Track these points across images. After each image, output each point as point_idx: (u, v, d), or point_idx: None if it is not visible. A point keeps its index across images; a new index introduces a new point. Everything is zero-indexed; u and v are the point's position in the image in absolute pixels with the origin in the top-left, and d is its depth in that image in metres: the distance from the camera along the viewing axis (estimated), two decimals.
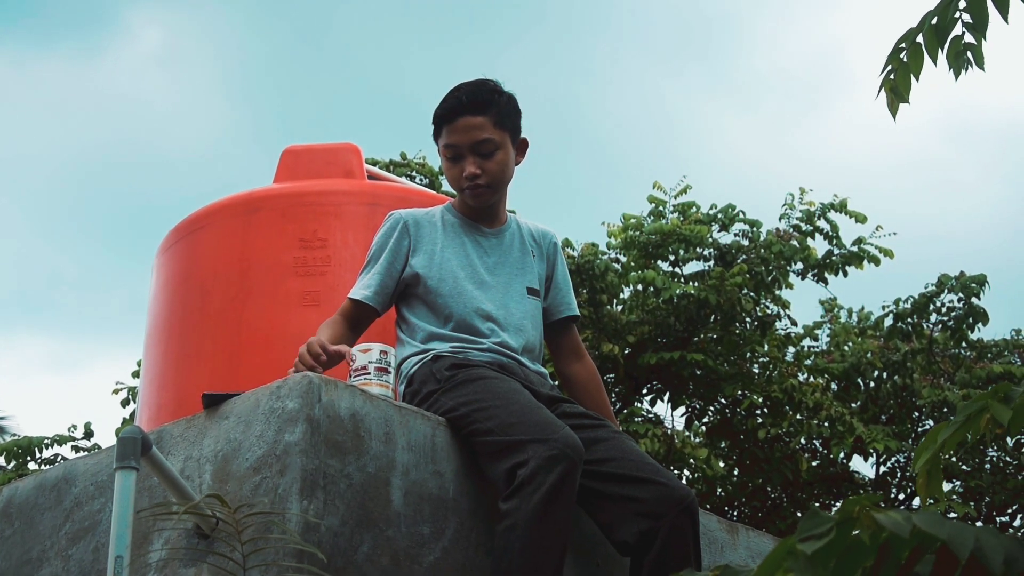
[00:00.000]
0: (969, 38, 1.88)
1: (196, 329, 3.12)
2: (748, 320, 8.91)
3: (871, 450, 8.64)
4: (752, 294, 8.72)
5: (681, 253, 8.98)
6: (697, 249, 8.99)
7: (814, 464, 9.38)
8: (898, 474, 9.79)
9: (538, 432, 2.02)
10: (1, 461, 9.44)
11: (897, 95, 1.96)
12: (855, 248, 9.22)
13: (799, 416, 8.79)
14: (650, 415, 9.09)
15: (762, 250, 8.84)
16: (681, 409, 9.22)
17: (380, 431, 1.99)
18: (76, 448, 9.29)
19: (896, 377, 9.17)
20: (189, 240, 3.29)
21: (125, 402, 9.43)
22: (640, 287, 8.78)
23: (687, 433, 8.93)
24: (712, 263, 9.08)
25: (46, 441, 9.14)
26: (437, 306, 2.41)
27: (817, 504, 9.66)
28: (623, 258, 9.28)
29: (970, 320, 8.87)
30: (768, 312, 9.00)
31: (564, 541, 1.98)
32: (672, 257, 9.09)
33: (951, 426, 1.28)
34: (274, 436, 1.90)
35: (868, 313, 10.56)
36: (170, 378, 3.13)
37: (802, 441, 9.22)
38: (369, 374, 2.13)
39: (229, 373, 2.96)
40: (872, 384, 9.46)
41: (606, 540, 2.19)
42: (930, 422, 9.64)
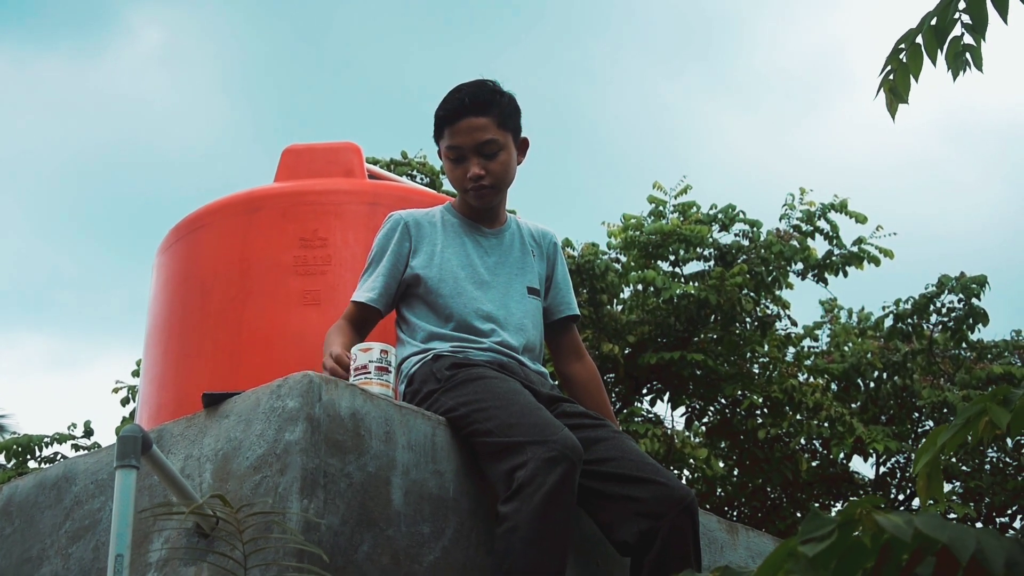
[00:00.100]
0: (968, 39, 1.88)
1: (196, 328, 3.12)
2: (748, 320, 8.92)
3: (871, 450, 8.64)
4: (752, 294, 8.72)
5: (681, 253, 8.98)
6: (697, 249, 8.99)
7: (814, 464, 9.38)
8: (898, 475, 9.79)
9: (537, 434, 2.02)
10: (1, 459, 9.44)
11: (896, 95, 1.96)
12: (855, 248, 9.22)
13: (799, 416, 8.79)
14: (650, 415, 9.09)
15: (762, 250, 8.84)
16: (681, 409, 9.22)
17: (380, 430, 1.99)
18: (76, 447, 9.29)
19: (896, 378, 9.17)
20: (189, 239, 3.29)
21: (125, 401, 9.43)
22: (640, 287, 8.78)
23: (687, 433, 8.93)
24: (712, 263, 9.08)
25: (46, 439, 9.15)
26: (438, 306, 2.41)
27: (817, 504, 9.66)
28: (623, 258, 9.28)
29: (970, 321, 8.87)
30: (768, 312, 9.00)
31: (565, 542, 1.98)
32: (672, 257, 9.09)
33: (951, 428, 1.28)
34: (274, 435, 1.90)
35: (868, 314, 10.56)
36: (170, 377, 3.13)
37: (802, 441, 9.21)
38: (369, 373, 2.13)
39: (229, 372, 2.96)
40: (872, 384, 9.45)
41: (606, 540, 2.19)
42: (930, 423, 9.64)
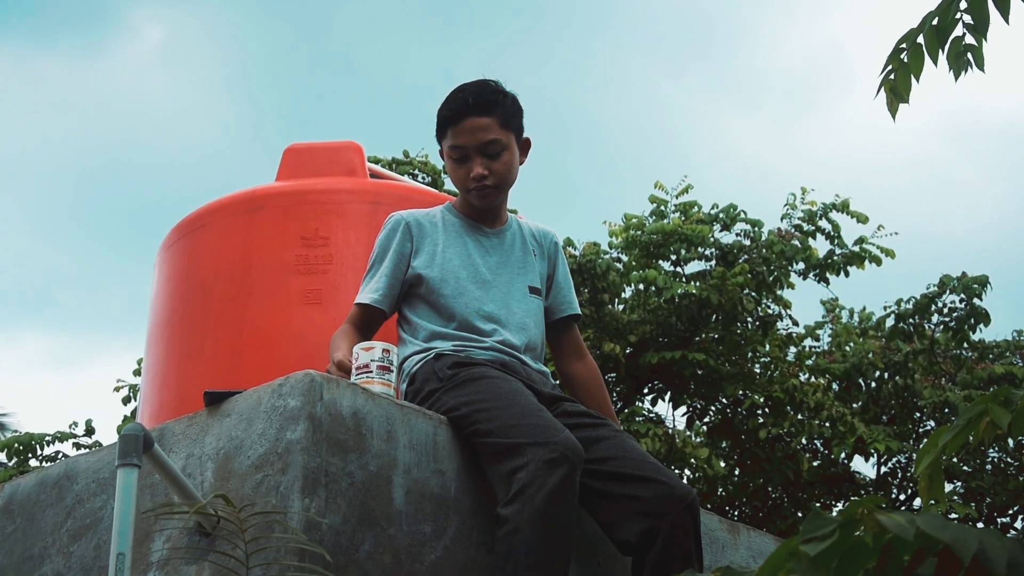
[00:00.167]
0: (970, 39, 1.88)
1: (198, 327, 3.12)
2: (749, 320, 8.92)
3: (872, 450, 8.64)
4: (754, 294, 8.72)
5: (683, 253, 8.99)
6: (699, 249, 8.99)
7: (815, 464, 9.38)
8: (899, 475, 9.79)
9: (538, 435, 2.02)
10: (2, 458, 9.44)
11: (897, 95, 1.96)
12: (856, 248, 9.22)
13: (800, 416, 8.79)
14: (651, 415, 9.10)
15: (764, 250, 8.84)
16: (682, 409, 9.23)
17: (382, 429, 1.99)
18: (77, 445, 9.29)
19: (897, 378, 9.17)
20: (191, 238, 3.29)
21: (126, 400, 9.44)
22: (642, 286, 8.78)
23: (688, 433, 8.93)
24: (714, 263, 9.08)
25: (47, 438, 9.15)
26: (439, 306, 2.41)
27: (818, 504, 9.66)
28: (625, 257, 9.28)
29: (972, 321, 8.87)
30: (769, 312, 9.00)
31: (568, 544, 1.97)
32: (674, 257, 9.09)
33: (952, 429, 1.28)
34: (276, 434, 1.90)
35: (870, 313, 10.56)
36: (172, 376, 3.13)
37: (803, 441, 9.21)
38: (371, 372, 2.13)
39: (231, 371, 2.96)
40: (873, 384, 9.45)
41: (607, 539, 2.18)
42: (931, 423, 9.64)
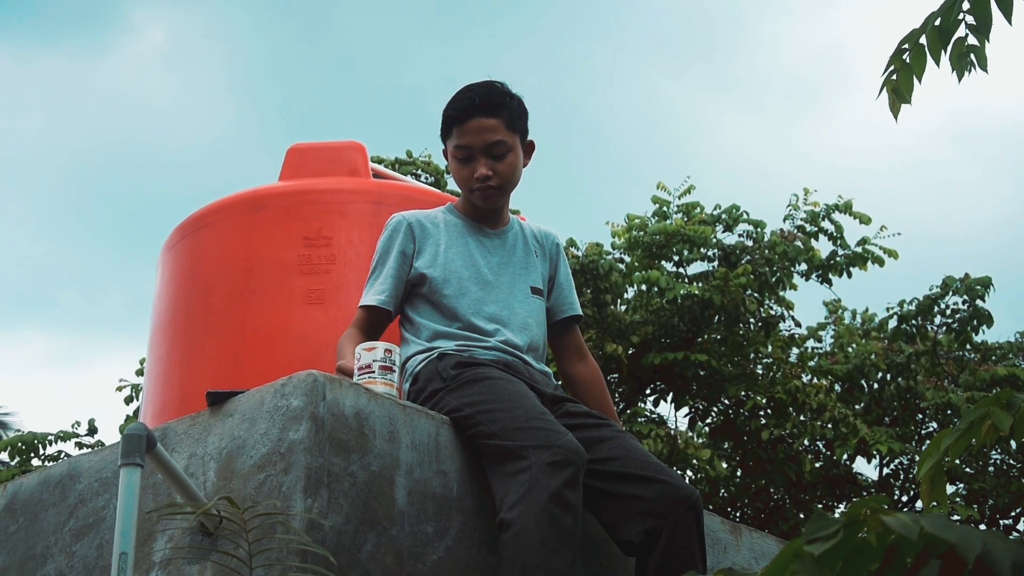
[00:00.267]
0: (972, 40, 1.88)
1: (200, 326, 3.12)
2: (752, 321, 8.91)
3: (874, 452, 8.63)
4: (756, 295, 8.72)
5: (685, 253, 8.98)
6: (701, 249, 8.99)
7: (817, 465, 9.37)
8: (901, 476, 9.78)
9: (541, 438, 2.02)
10: (4, 457, 9.45)
11: (899, 96, 1.96)
12: (859, 249, 9.22)
13: (802, 417, 8.79)
14: (653, 415, 9.09)
15: (766, 251, 8.84)
16: (684, 409, 9.23)
17: (384, 429, 1.99)
18: (79, 445, 9.30)
19: (900, 379, 9.16)
20: (194, 237, 3.29)
21: (128, 399, 9.45)
22: (644, 287, 8.77)
23: (690, 434, 8.92)
24: (716, 264, 9.08)
25: (50, 437, 9.15)
26: (442, 306, 2.41)
27: (820, 506, 9.65)
28: (627, 258, 9.28)
29: (974, 322, 8.86)
30: (772, 313, 9.00)
31: (574, 546, 1.96)
32: (676, 257, 9.09)
33: (954, 433, 1.28)
34: (278, 434, 1.90)
35: (872, 315, 10.55)
36: (174, 375, 3.13)
37: (805, 442, 9.21)
38: (373, 372, 2.13)
39: (233, 370, 2.97)
40: (876, 386, 9.44)
41: (609, 540, 2.18)
42: (934, 424, 9.63)
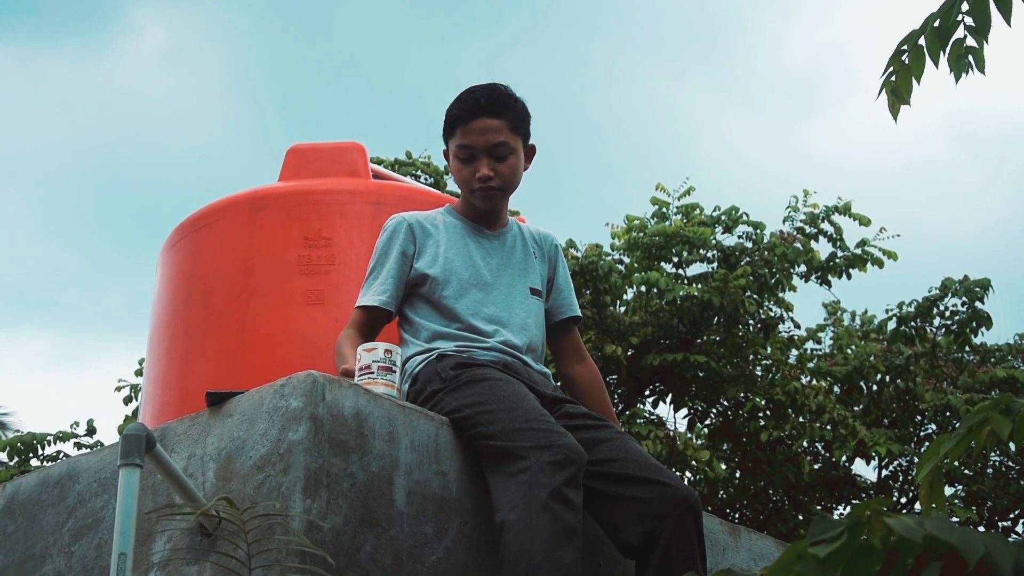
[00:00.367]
0: (971, 41, 1.88)
1: (200, 327, 3.12)
2: (751, 322, 8.91)
3: (873, 453, 8.63)
4: (755, 296, 8.72)
5: (684, 255, 8.98)
6: (700, 251, 8.99)
7: (816, 467, 9.37)
8: (900, 478, 9.78)
9: (541, 439, 2.02)
10: (3, 457, 9.44)
11: (898, 97, 1.96)
12: (858, 250, 9.22)
13: (801, 419, 8.79)
14: (652, 417, 9.09)
15: (765, 252, 8.84)
16: (683, 411, 9.22)
17: (384, 430, 1.99)
18: (78, 445, 9.30)
19: (899, 381, 9.16)
20: (194, 238, 3.29)
21: (128, 399, 9.44)
22: (643, 288, 8.77)
23: (689, 435, 8.92)
24: (715, 265, 9.08)
25: (48, 438, 9.15)
26: (441, 307, 2.41)
27: (819, 507, 9.66)
28: (627, 259, 9.28)
29: (973, 324, 8.86)
30: (771, 314, 8.99)
31: (577, 544, 1.96)
32: (675, 259, 9.09)
33: (953, 437, 1.28)
34: (278, 434, 1.90)
35: (871, 316, 10.55)
36: (174, 375, 3.13)
37: (804, 444, 9.21)
38: (373, 373, 2.13)
39: (233, 371, 2.96)
40: (875, 387, 9.45)
41: (608, 541, 2.18)
42: (932, 426, 9.63)
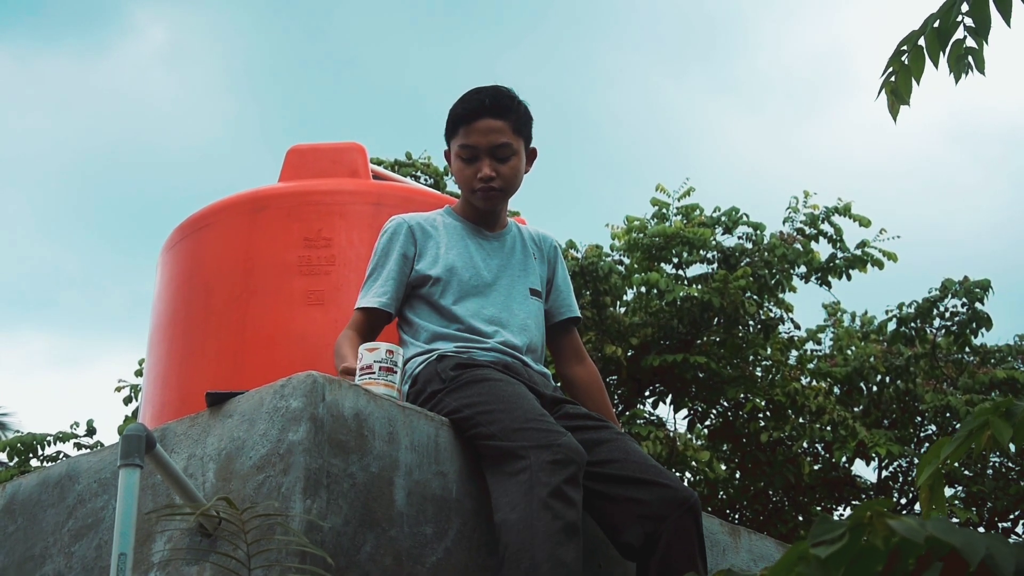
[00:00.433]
0: (971, 42, 1.88)
1: (200, 327, 3.12)
2: (751, 323, 8.90)
3: (873, 454, 8.63)
4: (755, 297, 8.71)
5: (684, 255, 8.98)
6: (700, 252, 8.98)
7: (816, 468, 9.37)
8: (900, 479, 9.78)
9: (541, 439, 2.02)
10: (3, 458, 9.44)
11: (898, 97, 1.96)
12: (859, 251, 9.22)
13: (801, 420, 8.78)
14: (652, 417, 9.08)
15: (766, 253, 8.83)
16: (683, 412, 9.21)
17: (384, 431, 1.99)
18: (78, 445, 9.29)
19: (899, 382, 9.16)
20: (194, 238, 3.29)
21: (127, 400, 9.44)
22: (643, 289, 8.77)
23: (689, 436, 8.92)
24: (715, 266, 9.08)
25: (48, 438, 9.15)
26: (441, 308, 2.41)
27: (819, 508, 9.65)
28: (627, 260, 9.27)
29: (974, 325, 8.85)
30: (771, 315, 8.99)
31: (578, 541, 1.96)
32: (675, 259, 9.08)
33: (953, 441, 1.27)
34: (278, 435, 1.90)
35: (871, 317, 10.55)
36: (174, 376, 3.13)
37: (804, 445, 9.20)
38: (374, 373, 2.13)
39: (233, 371, 2.96)
40: (875, 388, 9.44)
41: (608, 542, 2.18)
42: (932, 427, 9.63)
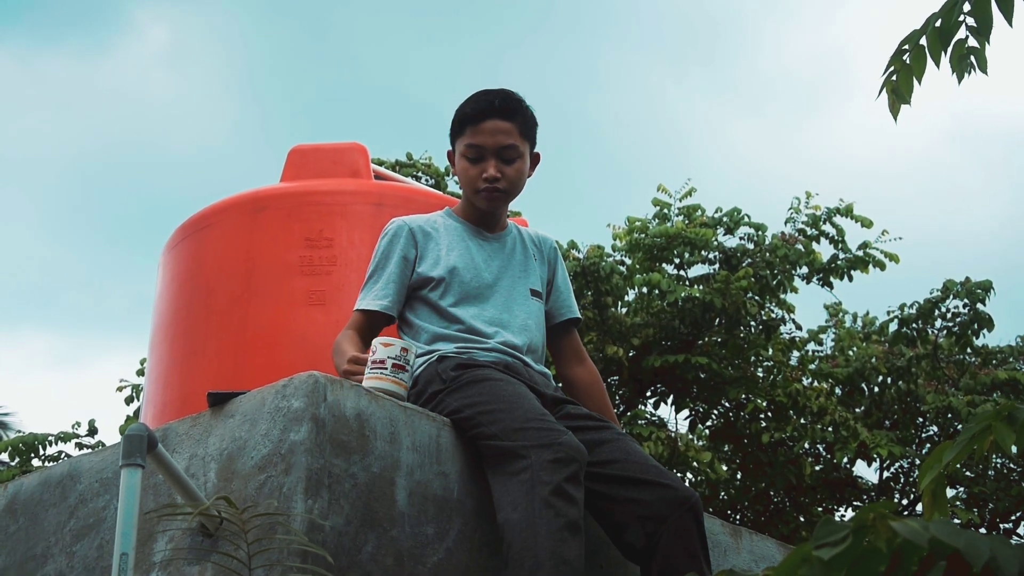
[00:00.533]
0: (973, 42, 1.88)
1: (201, 327, 3.12)
2: (753, 324, 8.90)
3: (874, 455, 8.63)
4: (757, 298, 8.71)
5: (686, 256, 8.97)
6: (702, 252, 8.98)
7: (817, 469, 9.37)
8: (901, 479, 9.78)
9: (542, 438, 2.02)
10: (4, 458, 9.44)
11: (899, 96, 1.96)
12: (860, 252, 9.21)
13: (803, 420, 8.78)
14: (654, 418, 9.08)
15: (767, 254, 8.83)
16: (685, 412, 9.21)
17: (385, 431, 1.99)
18: (80, 445, 9.29)
19: (900, 382, 9.16)
20: (195, 238, 3.29)
21: (129, 399, 9.44)
22: (645, 290, 8.77)
23: (691, 436, 8.92)
24: (717, 266, 9.07)
25: (50, 438, 9.14)
26: (442, 309, 2.42)
27: (820, 509, 9.65)
28: (628, 260, 9.27)
29: (975, 326, 8.85)
30: (773, 316, 8.98)
31: (580, 539, 1.96)
32: (677, 260, 9.08)
33: (956, 445, 1.27)
34: (279, 435, 1.90)
35: (873, 318, 10.54)
36: (175, 376, 3.13)
37: (806, 445, 9.20)
38: (386, 369, 2.13)
39: (234, 371, 2.96)
40: (876, 389, 9.44)
41: (609, 542, 2.18)
42: (934, 428, 9.63)
